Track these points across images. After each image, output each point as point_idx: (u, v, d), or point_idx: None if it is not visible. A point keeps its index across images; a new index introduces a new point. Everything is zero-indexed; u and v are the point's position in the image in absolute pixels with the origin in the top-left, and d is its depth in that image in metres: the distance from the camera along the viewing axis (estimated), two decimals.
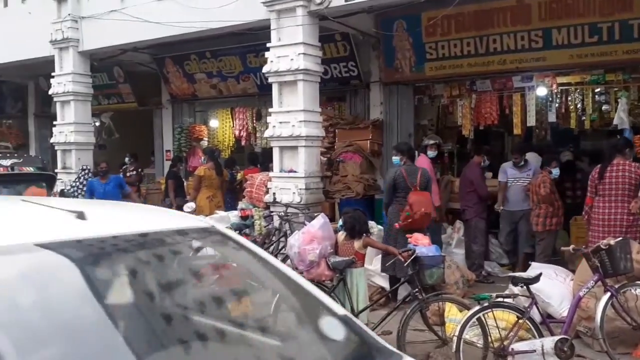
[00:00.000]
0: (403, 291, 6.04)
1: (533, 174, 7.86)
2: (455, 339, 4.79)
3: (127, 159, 12.59)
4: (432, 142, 8.84)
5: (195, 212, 9.17)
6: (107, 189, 8.07)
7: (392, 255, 5.57)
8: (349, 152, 9.17)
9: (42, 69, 12.35)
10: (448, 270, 6.60)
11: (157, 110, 13.41)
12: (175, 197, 10.74)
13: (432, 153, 8.50)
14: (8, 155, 7.21)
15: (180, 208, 10.24)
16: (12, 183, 7.07)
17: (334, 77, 10.19)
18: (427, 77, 9.43)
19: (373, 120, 9.81)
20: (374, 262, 7.00)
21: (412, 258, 5.13)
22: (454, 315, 5.62)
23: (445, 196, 8.72)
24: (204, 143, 12.65)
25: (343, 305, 5.38)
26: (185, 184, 11.42)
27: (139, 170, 12.60)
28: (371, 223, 7.44)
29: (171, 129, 13.10)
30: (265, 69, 8.35)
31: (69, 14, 10.63)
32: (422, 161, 7.78)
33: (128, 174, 12.10)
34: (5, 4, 12.25)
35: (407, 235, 5.76)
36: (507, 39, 8.50)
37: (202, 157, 11.22)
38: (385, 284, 6.98)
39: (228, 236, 2.69)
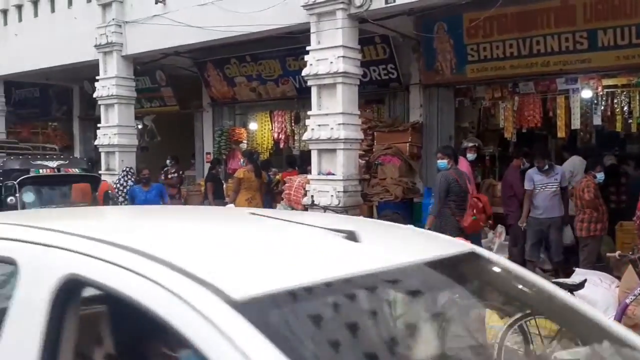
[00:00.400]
0: None
1: (561, 178, 7.56)
2: (496, 346, 4.70)
3: (168, 161, 12.81)
4: (471, 144, 8.71)
5: None
6: (149, 197, 7.98)
7: None
8: (388, 154, 9.12)
9: (87, 72, 12.66)
10: None
11: (197, 114, 13.60)
12: (214, 198, 10.87)
13: (471, 156, 8.36)
14: (54, 157, 7.39)
15: None
16: (59, 184, 7.28)
17: (373, 80, 10.16)
18: (469, 79, 9.31)
19: (412, 122, 9.74)
20: None
21: None
22: (494, 322, 5.52)
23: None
24: (243, 146, 12.78)
25: None
26: (224, 185, 11.55)
27: (180, 172, 12.80)
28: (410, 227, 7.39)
29: (211, 131, 13.27)
30: (304, 72, 8.38)
31: (113, 19, 10.87)
32: (462, 164, 7.66)
33: (169, 176, 12.28)
34: (53, 10, 12.63)
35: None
36: (551, 41, 8.32)
37: (242, 160, 11.34)
38: None
39: (497, 262, 2.15)
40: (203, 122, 13.48)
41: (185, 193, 12.91)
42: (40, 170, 6.85)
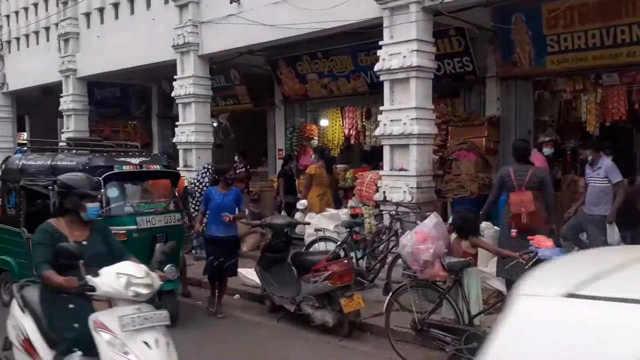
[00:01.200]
0: None
1: (606, 173, 7.01)
2: None
3: (236, 157, 13.07)
4: (547, 138, 8.40)
5: (306, 209, 9.37)
6: (225, 201, 7.27)
7: (510, 258, 5.36)
8: (463, 150, 8.92)
9: (165, 72, 13.10)
10: None
11: (270, 111, 13.80)
12: (285, 194, 11.00)
13: (547, 150, 8.05)
14: (137, 154, 7.64)
15: (291, 205, 10.49)
16: (141, 180, 7.52)
17: (447, 73, 9.96)
18: (548, 71, 8.97)
19: (489, 116, 9.49)
20: (489, 265, 6.76)
21: (533, 261, 4.91)
22: None
23: (567, 196, 8.23)
24: (314, 142, 12.85)
25: (458, 308, 5.27)
26: (296, 182, 11.66)
27: (248, 167, 13.03)
28: (486, 224, 7.20)
29: (283, 128, 13.42)
30: (376, 67, 8.33)
31: (190, 20, 11.18)
32: (536, 159, 7.37)
33: (237, 171, 12.55)
34: (132, 12, 13.13)
35: (529, 237, 5.50)
36: (637, 30, 7.89)
37: (313, 156, 11.40)
38: (502, 287, 6.72)
39: None
40: (275, 119, 13.66)
41: (257, 189, 13.14)
42: (124, 167, 7.07)
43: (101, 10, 13.87)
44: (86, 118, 15.40)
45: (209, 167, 10.06)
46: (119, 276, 3.62)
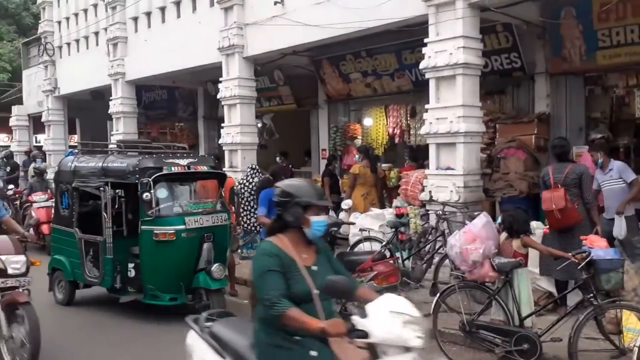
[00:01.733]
0: (573, 296, 5.65)
1: (619, 174, 6.75)
2: (636, 349, 4.40)
3: (277, 158, 13.16)
4: (598, 136, 8.15)
5: (351, 209, 9.34)
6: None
7: (562, 259, 5.24)
8: (512, 148, 8.72)
9: (210, 74, 13.29)
10: (625, 275, 6.04)
11: (313, 111, 13.83)
12: (330, 194, 11.00)
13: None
14: (185, 155, 7.77)
15: (335, 205, 10.48)
16: (188, 181, 7.65)
17: (494, 70, 9.79)
18: (600, 67, 8.70)
19: (538, 113, 9.26)
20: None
21: (586, 261, 4.79)
22: (632, 325, 5.16)
23: None
24: (358, 141, 12.81)
25: (508, 309, 5.17)
26: (340, 181, 11.65)
27: (290, 166, 13.11)
28: (536, 223, 7.04)
29: (327, 128, 13.44)
30: (422, 65, 8.25)
31: (235, 22, 11.29)
32: (586, 157, 7.17)
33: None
34: (178, 15, 13.36)
35: (582, 237, 5.37)
36: None
37: (357, 155, 11.36)
38: (552, 288, 6.57)
39: None
40: (319, 119, 13.69)
41: None
42: (172, 168, 7.21)
43: (148, 14, 14.16)
44: (135, 120, 15.74)
45: (255, 167, 10.14)
46: (393, 315, 2.72)
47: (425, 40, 8.17)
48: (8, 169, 16.85)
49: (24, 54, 22.19)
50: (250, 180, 9.71)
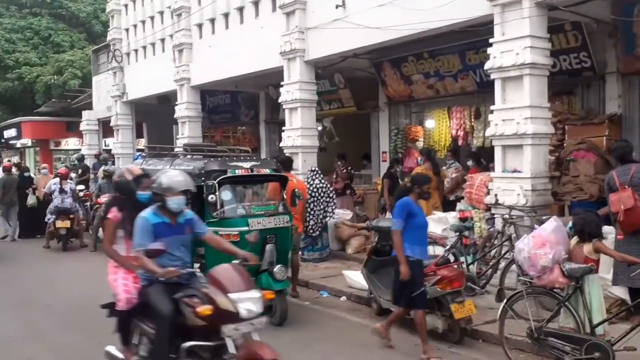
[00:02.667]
0: None
1: None
2: None
3: (339, 162, 13.20)
4: None
5: None
6: (422, 216, 6.21)
7: (635, 265, 5.04)
8: (581, 150, 8.42)
9: (272, 78, 13.47)
10: None
11: (374, 113, 13.79)
12: (388, 196, 10.92)
13: None
14: (248, 158, 7.91)
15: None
16: (251, 183, 7.79)
17: (562, 70, 9.49)
18: None
19: (610, 114, 8.91)
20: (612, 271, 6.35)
21: None
22: None
23: None
24: (420, 144, 12.67)
25: (579, 317, 5.01)
26: (401, 184, 11.54)
27: (349, 168, 13.11)
28: (609, 228, 6.77)
29: (387, 130, 13.36)
30: (487, 66, 8.09)
31: (296, 26, 11.40)
32: None
33: (340, 173, 12.73)
34: (242, 21, 13.60)
35: None
36: None
37: (419, 158, 11.25)
38: (625, 295, 6.30)
39: None
40: (379, 121, 13.63)
41: (362, 192, 13.19)
42: (236, 171, 7.35)
43: (212, 20, 14.48)
44: (199, 124, 16.12)
45: (316, 169, 10.20)
46: None
47: (491, 41, 8.01)
48: (79, 171, 17.58)
49: (94, 61, 23.09)
50: (311, 182, 9.76)
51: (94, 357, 6.20)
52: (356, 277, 8.14)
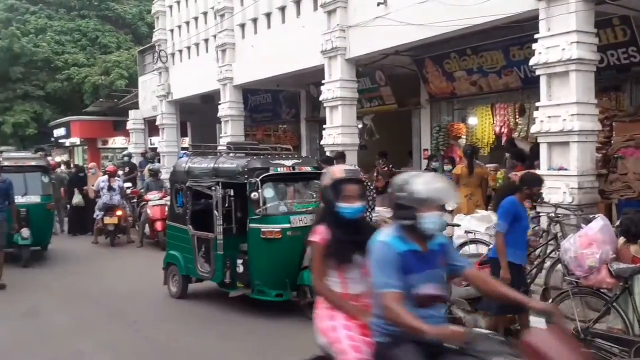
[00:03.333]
0: None
1: None
2: None
3: (380, 161, 13.15)
4: None
5: (454, 211, 9.16)
6: (526, 219, 5.99)
7: None
8: (630, 147, 8.17)
9: (313, 77, 13.51)
10: None
11: (415, 111, 13.70)
12: None
13: None
14: (290, 156, 8.00)
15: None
16: (293, 181, 7.87)
17: (610, 65, 9.25)
18: None
19: None
20: None
21: None
22: None
23: None
24: (462, 141, 12.54)
25: (627, 318, 4.89)
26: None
27: (390, 166, 13.06)
28: None
29: (429, 128, 13.26)
30: (532, 62, 7.95)
31: (338, 25, 11.42)
32: None
33: (380, 171, 12.72)
34: (283, 21, 13.71)
35: None
36: None
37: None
38: None
39: None
40: (421, 119, 13.53)
41: None
42: (279, 169, 7.45)
43: (255, 20, 14.64)
44: (242, 123, 16.30)
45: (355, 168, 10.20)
46: None
47: (536, 36, 7.86)
48: (127, 169, 18.04)
49: (140, 61, 23.60)
50: None
51: (141, 350, 6.40)
52: None
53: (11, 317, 7.65)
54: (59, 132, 29.32)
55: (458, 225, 8.41)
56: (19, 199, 10.56)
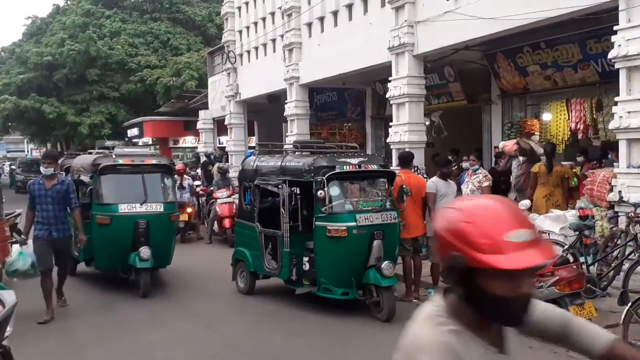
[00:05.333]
0: None
1: None
2: None
3: (449, 157, 12.86)
4: None
5: (529, 210, 8.84)
6: None
7: None
8: None
9: (379, 74, 13.40)
10: None
11: (485, 107, 13.34)
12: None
13: None
14: (355, 154, 7.95)
15: None
16: (358, 179, 7.82)
17: None
18: None
19: None
20: None
21: None
22: None
23: None
24: (536, 138, 12.09)
25: None
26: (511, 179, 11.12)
27: (459, 164, 12.76)
28: None
29: (500, 124, 12.87)
30: (610, 55, 7.57)
31: (405, 20, 11.25)
32: None
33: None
34: (350, 18, 13.67)
35: None
36: None
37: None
38: None
39: None
40: (491, 115, 13.16)
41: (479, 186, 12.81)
42: (344, 167, 7.42)
43: (321, 19, 14.67)
44: (307, 122, 16.39)
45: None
46: None
47: (615, 28, 7.48)
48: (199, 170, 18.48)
49: (209, 62, 24.16)
50: None
51: (211, 345, 6.52)
52: None
53: (88, 311, 7.97)
54: (132, 132, 30.47)
55: None
56: (136, 207, 8.49)
